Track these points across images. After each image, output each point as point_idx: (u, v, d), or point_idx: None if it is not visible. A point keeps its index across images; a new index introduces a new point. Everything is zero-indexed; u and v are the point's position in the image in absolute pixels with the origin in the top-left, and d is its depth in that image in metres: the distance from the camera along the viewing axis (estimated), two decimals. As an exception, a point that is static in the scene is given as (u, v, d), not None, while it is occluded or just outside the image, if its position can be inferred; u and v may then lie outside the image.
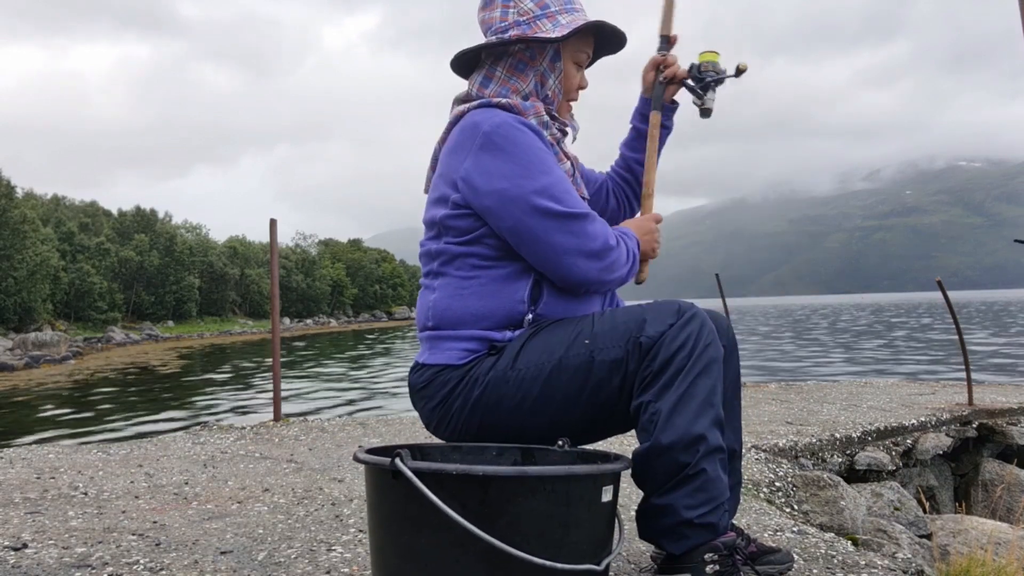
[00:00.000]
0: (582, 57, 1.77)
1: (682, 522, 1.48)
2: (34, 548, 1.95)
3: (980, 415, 4.88)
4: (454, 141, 1.66)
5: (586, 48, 1.78)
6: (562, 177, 1.62)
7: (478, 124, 1.62)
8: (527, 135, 1.61)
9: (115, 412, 13.89)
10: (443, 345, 1.65)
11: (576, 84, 1.79)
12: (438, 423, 1.67)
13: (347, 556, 1.87)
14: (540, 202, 1.56)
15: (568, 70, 1.76)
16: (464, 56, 1.76)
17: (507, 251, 1.63)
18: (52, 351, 32.55)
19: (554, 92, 1.75)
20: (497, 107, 1.66)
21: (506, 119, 1.62)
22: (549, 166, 1.60)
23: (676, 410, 1.46)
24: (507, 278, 1.63)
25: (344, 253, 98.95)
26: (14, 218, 43.53)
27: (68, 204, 65.00)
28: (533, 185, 1.57)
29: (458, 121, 1.69)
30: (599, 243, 1.59)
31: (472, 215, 1.63)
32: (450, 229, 1.65)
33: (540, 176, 1.58)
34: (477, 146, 1.60)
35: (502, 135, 1.59)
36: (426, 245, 1.72)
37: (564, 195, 1.59)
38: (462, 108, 1.70)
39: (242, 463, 3.35)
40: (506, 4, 1.71)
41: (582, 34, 1.74)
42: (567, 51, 1.75)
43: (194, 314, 65.53)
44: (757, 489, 2.89)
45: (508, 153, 1.58)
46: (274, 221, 5.00)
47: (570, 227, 1.57)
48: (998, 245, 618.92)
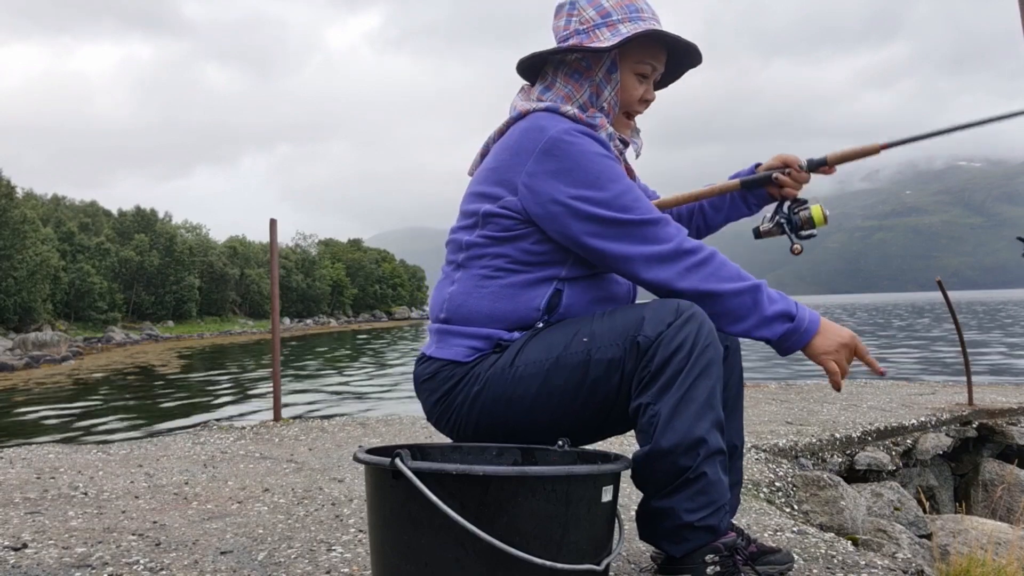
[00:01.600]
0: (645, 68, 1.69)
1: (683, 525, 1.48)
2: (34, 548, 1.95)
3: (980, 415, 4.88)
4: (515, 141, 1.62)
5: (651, 59, 1.68)
6: (632, 186, 1.59)
7: (544, 129, 1.59)
8: (593, 144, 1.59)
9: (115, 412, 13.89)
10: (452, 340, 1.64)
11: (637, 96, 1.70)
12: (439, 417, 1.67)
13: (347, 556, 1.87)
14: (606, 212, 1.54)
15: (627, 82, 1.68)
16: (529, 62, 1.74)
17: (539, 258, 1.62)
18: (52, 351, 32.55)
19: (610, 104, 1.68)
20: (563, 115, 1.64)
21: (571, 127, 1.59)
22: (618, 174, 1.58)
23: (676, 413, 1.45)
24: (528, 284, 1.62)
25: (344, 253, 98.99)
26: (14, 218, 43.53)
27: (68, 204, 65.02)
28: (604, 194, 1.55)
29: (520, 119, 1.66)
30: (671, 245, 1.54)
31: (517, 218, 1.61)
32: (489, 224, 1.63)
33: (609, 185, 1.55)
34: (541, 151, 1.57)
35: (568, 142, 1.57)
36: (457, 233, 1.70)
37: (635, 203, 1.56)
38: (527, 107, 1.67)
39: (242, 463, 3.35)
40: (571, 13, 1.68)
41: (646, 45, 1.67)
42: (627, 61, 1.67)
43: (194, 314, 65.53)
44: (757, 489, 2.89)
45: (575, 160, 1.56)
46: (274, 221, 5.00)
47: (639, 233, 1.54)
48: (998, 245, 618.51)
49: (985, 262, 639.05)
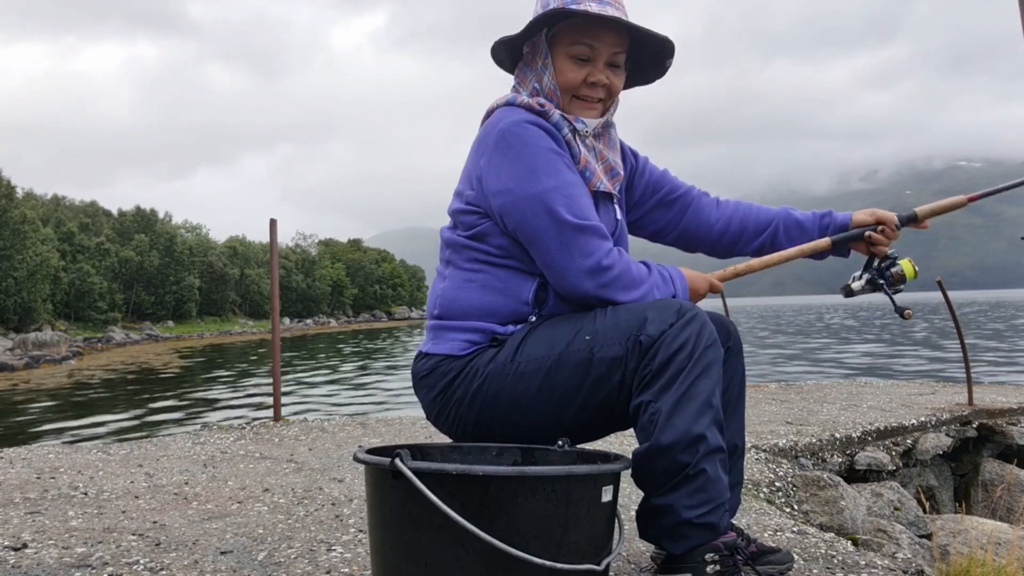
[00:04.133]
0: (580, 50, 1.65)
1: (682, 522, 1.48)
2: (34, 548, 1.95)
3: (980, 415, 4.88)
4: (479, 138, 1.68)
5: (586, 40, 1.64)
6: (570, 182, 1.60)
7: (496, 123, 1.63)
8: (536, 135, 1.60)
9: (115, 412, 13.88)
10: (447, 335, 1.66)
11: (578, 79, 1.66)
12: (438, 413, 1.68)
13: (347, 556, 1.87)
14: (540, 206, 1.56)
15: (560, 65, 1.67)
16: (498, 60, 1.79)
17: (510, 251, 1.64)
18: (52, 351, 32.55)
19: (550, 89, 1.68)
20: (520, 106, 1.67)
21: (520, 118, 1.61)
22: (556, 169, 1.59)
23: (676, 410, 1.46)
24: (511, 277, 1.64)
25: (344, 253, 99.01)
26: (14, 218, 43.53)
27: (68, 204, 65.02)
28: (535, 188, 1.57)
29: (488, 116, 1.72)
30: (592, 261, 1.56)
31: (479, 212, 1.65)
32: (460, 222, 1.69)
33: (544, 179, 1.57)
34: (491, 145, 1.62)
35: (513, 134, 1.60)
36: (444, 232, 1.76)
37: (566, 200, 1.57)
38: (492, 105, 1.73)
39: (242, 463, 3.35)
40: (535, 9, 1.71)
41: (580, 27, 1.65)
42: (559, 45, 1.68)
43: (194, 314, 65.53)
44: (757, 489, 2.89)
45: (516, 152, 1.59)
46: (274, 221, 5.00)
47: (565, 237, 1.56)
48: (998, 245, 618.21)
49: (985, 262, 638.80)
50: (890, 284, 1.73)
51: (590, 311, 1.60)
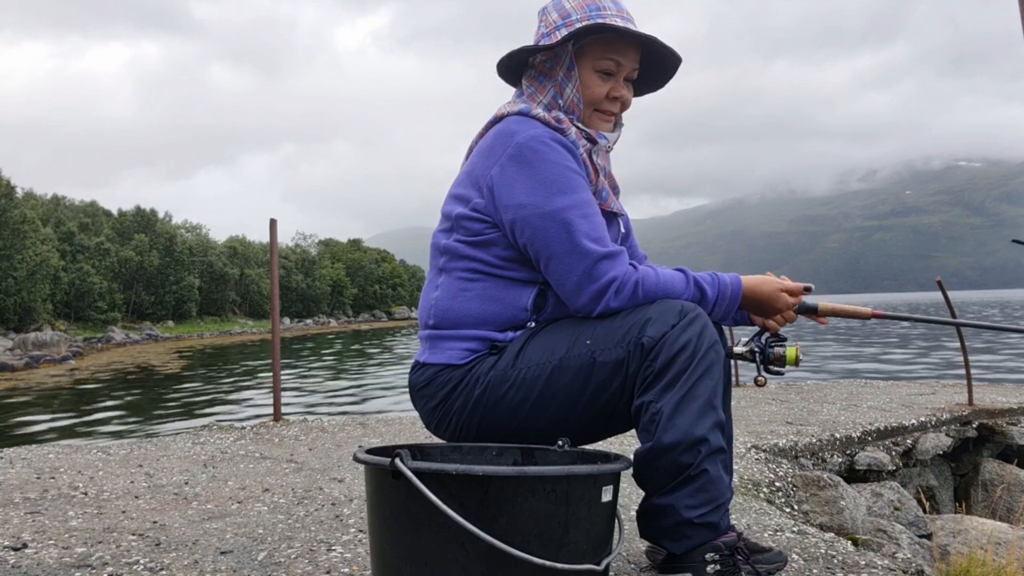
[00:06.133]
0: (607, 65, 1.67)
1: (683, 522, 1.48)
2: (34, 548, 1.95)
3: (980, 415, 4.88)
4: (487, 143, 1.65)
5: (613, 56, 1.67)
6: (587, 201, 1.59)
7: (513, 133, 1.60)
8: (558, 152, 1.59)
9: (115, 412, 13.89)
10: (444, 344, 1.65)
11: (601, 94, 1.68)
12: (438, 423, 1.67)
13: (347, 556, 1.87)
14: (557, 224, 1.55)
15: (587, 79, 1.67)
16: (503, 69, 1.76)
17: (513, 261, 1.63)
18: (52, 351, 32.54)
19: (572, 102, 1.68)
20: (536, 119, 1.64)
21: (540, 133, 1.60)
22: (574, 187, 1.58)
23: (678, 411, 1.46)
24: (510, 286, 1.63)
25: (344, 253, 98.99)
26: (14, 218, 43.53)
27: (68, 204, 64.99)
28: (552, 205, 1.55)
29: (497, 123, 1.68)
30: (602, 282, 1.55)
31: (487, 221, 1.62)
32: (462, 228, 1.65)
33: (561, 197, 1.56)
34: (507, 156, 1.59)
35: (532, 149, 1.58)
36: (437, 237, 1.72)
37: (583, 220, 1.56)
38: (503, 111, 1.70)
39: (242, 463, 3.35)
40: (541, 19, 1.71)
41: (608, 42, 1.66)
42: (586, 59, 1.67)
43: (194, 314, 65.53)
44: (757, 489, 2.89)
45: (534, 168, 1.57)
46: (274, 221, 5.00)
47: (580, 257, 1.54)
48: (998, 245, 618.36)
49: (985, 262, 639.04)
50: (769, 361, 1.70)
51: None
